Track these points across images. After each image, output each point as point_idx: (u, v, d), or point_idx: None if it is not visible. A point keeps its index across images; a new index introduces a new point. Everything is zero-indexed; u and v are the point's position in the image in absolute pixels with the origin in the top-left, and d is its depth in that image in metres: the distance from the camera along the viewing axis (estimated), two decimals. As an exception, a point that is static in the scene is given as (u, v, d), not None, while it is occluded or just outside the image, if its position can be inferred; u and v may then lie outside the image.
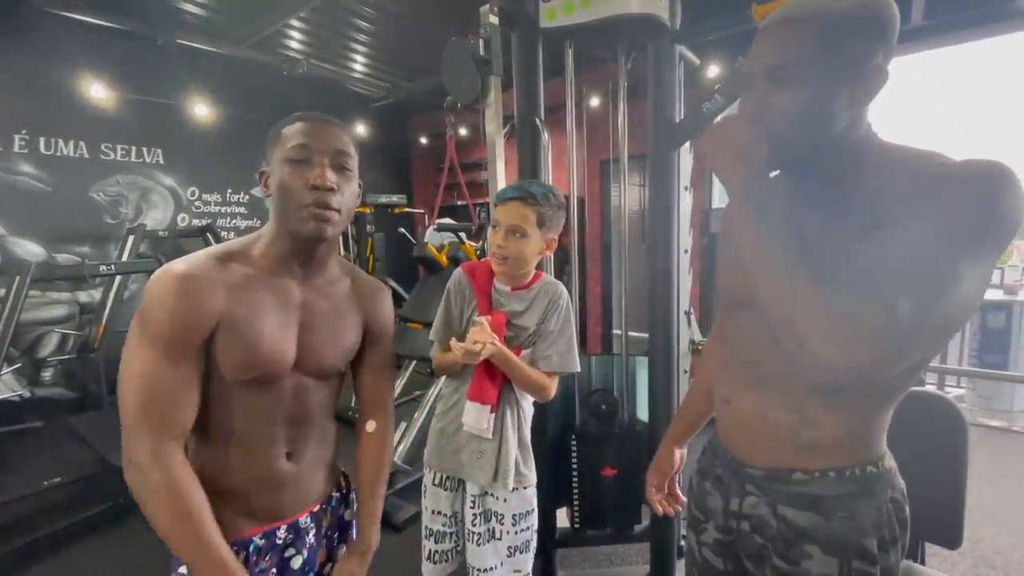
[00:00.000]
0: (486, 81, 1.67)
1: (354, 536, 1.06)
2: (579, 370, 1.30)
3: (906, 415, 1.45)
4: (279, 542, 0.91)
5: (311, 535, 0.96)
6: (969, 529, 1.28)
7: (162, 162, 4.43)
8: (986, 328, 4.07)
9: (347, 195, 0.86)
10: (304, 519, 0.94)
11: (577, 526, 1.87)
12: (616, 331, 2.13)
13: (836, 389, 0.74)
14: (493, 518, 1.30)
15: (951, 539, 1.29)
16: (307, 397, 0.92)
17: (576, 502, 1.86)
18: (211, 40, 4.07)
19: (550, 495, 1.87)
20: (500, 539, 1.30)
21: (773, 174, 0.79)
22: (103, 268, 2.76)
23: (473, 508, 1.30)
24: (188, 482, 0.78)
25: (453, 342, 1.13)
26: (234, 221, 5.03)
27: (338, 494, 1.04)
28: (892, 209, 0.64)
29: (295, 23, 3.93)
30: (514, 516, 1.29)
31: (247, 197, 5.10)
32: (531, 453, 1.32)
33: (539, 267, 1.57)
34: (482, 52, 1.64)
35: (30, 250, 3.79)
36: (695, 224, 4.36)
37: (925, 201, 0.61)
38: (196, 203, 4.71)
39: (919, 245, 0.59)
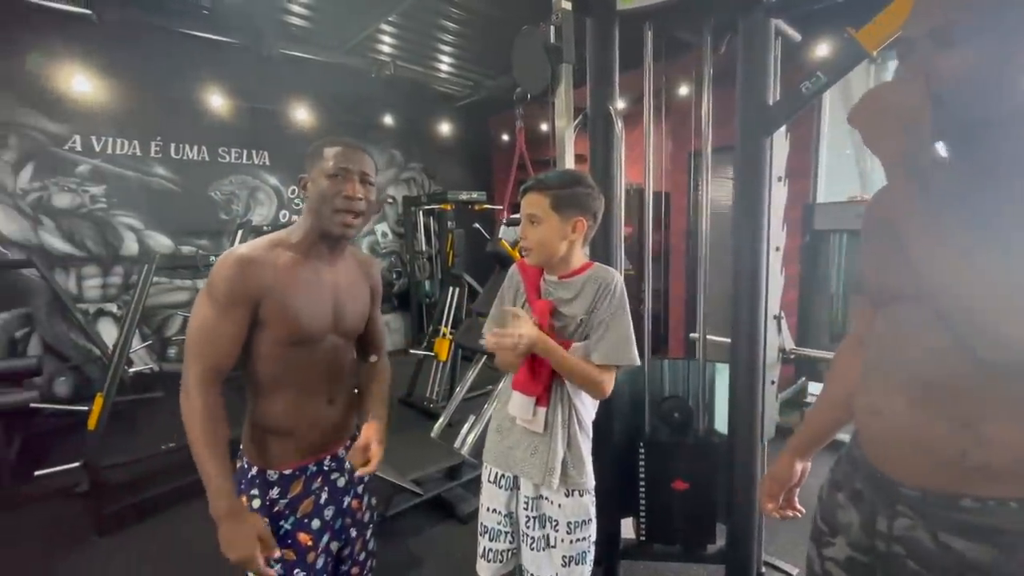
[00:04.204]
0: (557, 70, 1.62)
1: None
2: (637, 363, 1.20)
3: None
4: (326, 468, 1.17)
5: (347, 462, 1.19)
6: None
7: (268, 163, 4.87)
8: None
9: (370, 200, 1.12)
10: (341, 451, 1.21)
11: (643, 539, 1.77)
12: (692, 334, 1.98)
13: (1017, 381, 0.64)
14: (548, 524, 1.26)
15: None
16: (340, 354, 1.17)
17: (643, 513, 1.76)
18: (310, 48, 4.38)
19: (615, 503, 1.79)
20: (555, 547, 1.25)
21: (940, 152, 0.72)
22: (212, 259, 3.07)
23: (527, 510, 1.26)
24: (219, 413, 1.00)
25: (487, 334, 1.12)
26: (329, 217, 5.39)
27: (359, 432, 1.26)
28: None
29: (385, 27, 4.12)
30: (569, 524, 1.24)
31: (341, 195, 5.45)
32: (584, 457, 1.24)
33: (602, 258, 1.51)
34: (553, 40, 1.59)
35: (161, 242, 4.32)
36: (794, 220, 3.99)
37: None
38: (296, 200, 5.12)
39: None
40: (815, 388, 3.83)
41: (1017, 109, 0.65)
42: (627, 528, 1.83)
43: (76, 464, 2.35)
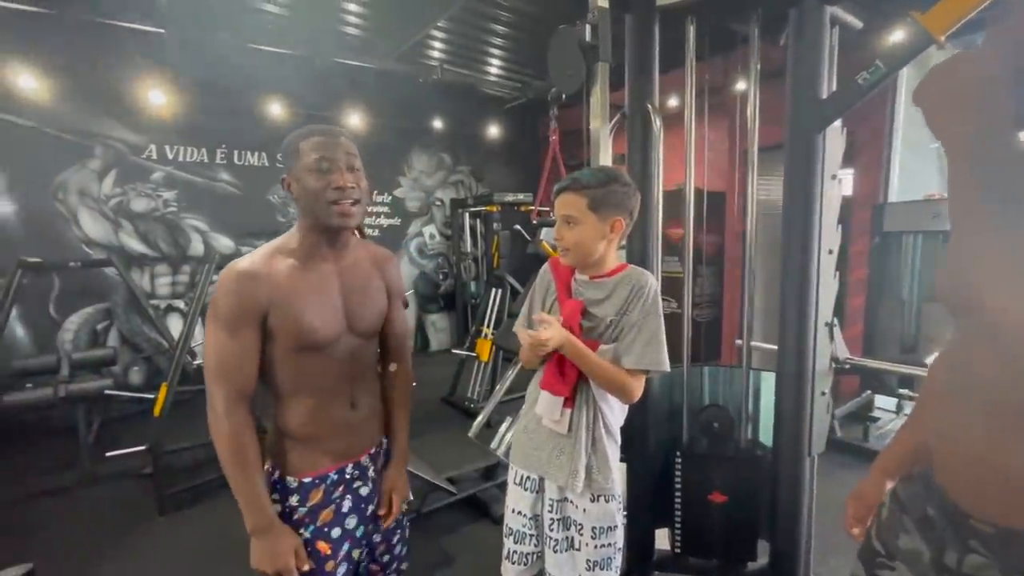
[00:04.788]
0: (592, 69, 1.59)
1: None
2: (667, 369, 1.17)
3: None
4: (348, 477, 1.12)
5: (371, 470, 1.18)
6: None
7: (322, 168, 5.07)
8: None
9: (361, 186, 1.06)
10: (365, 459, 1.16)
11: (678, 551, 1.70)
12: (738, 341, 1.89)
13: None
14: (572, 527, 1.24)
15: None
16: (360, 355, 1.13)
17: (678, 525, 1.69)
18: (362, 56, 4.53)
19: (650, 512, 1.73)
20: (579, 550, 1.23)
21: None
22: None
23: (551, 512, 1.25)
24: (245, 431, 0.99)
25: (520, 329, 1.11)
26: (378, 220, 5.56)
27: (386, 439, 1.25)
28: None
29: (435, 32, 4.20)
30: (594, 529, 1.21)
31: (390, 197, 5.62)
32: (610, 461, 1.22)
33: (639, 260, 1.46)
34: (588, 38, 1.56)
35: (224, 243, 4.60)
36: (863, 221, 3.73)
37: None
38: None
39: None
40: (882, 402, 3.56)
41: None
42: (662, 539, 1.76)
43: (142, 448, 2.53)
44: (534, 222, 2.48)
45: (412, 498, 1.34)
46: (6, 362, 3.10)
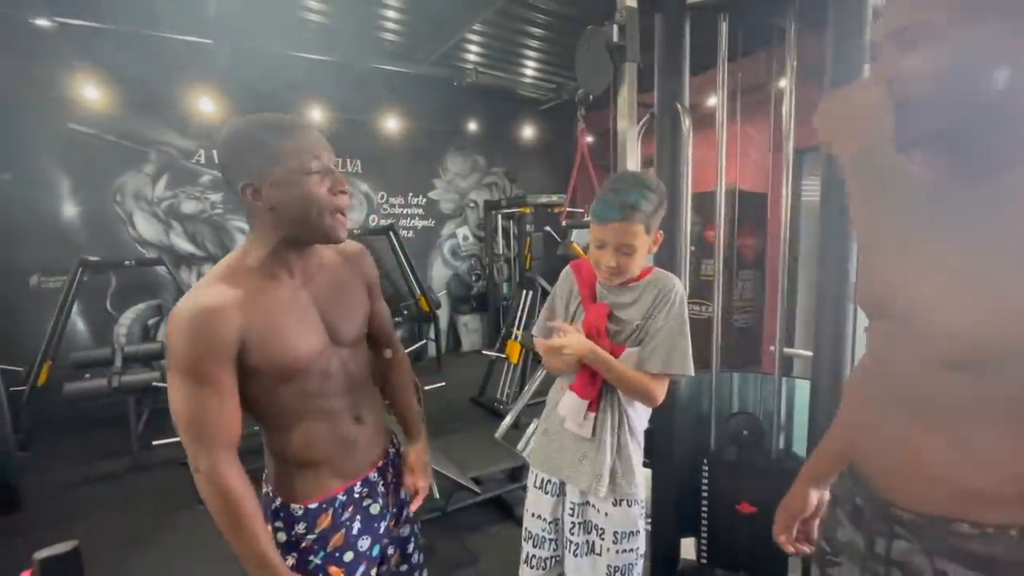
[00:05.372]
0: (620, 69, 1.57)
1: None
2: (692, 374, 1.15)
3: None
4: (357, 496, 1.03)
5: (380, 486, 1.08)
6: None
7: (360, 171, 5.21)
8: None
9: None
10: (373, 474, 1.07)
11: (704, 561, 1.65)
12: (772, 347, 1.83)
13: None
14: (593, 531, 1.23)
15: None
16: (353, 364, 1.02)
17: (704, 534, 1.64)
18: (399, 61, 4.63)
19: (675, 520, 1.69)
20: (600, 555, 1.22)
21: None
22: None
23: (572, 516, 1.24)
24: (241, 491, 0.85)
25: (539, 340, 1.11)
26: (412, 221, 5.66)
27: (393, 449, 1.17)
28: None
29: (470, 36, 4.25)
30: (616, 534, 1.20)
31: (424, 200, 5.70)
32: (634, 466, 1.20)
33: (667, 263, 1.43)
34: (616, 38, 1.55)
35: (266, 244, 4.79)
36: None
37: None
38: (384, 205, 5.43)
39: None
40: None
41: (979, 116, 0.59)
42: (688, 549, 1.72)
43: (185, 438, 2.66)
44: (563, 224, 2.46)
45: (437, 496, 1.34)
46: (67, 354, 3.33)
